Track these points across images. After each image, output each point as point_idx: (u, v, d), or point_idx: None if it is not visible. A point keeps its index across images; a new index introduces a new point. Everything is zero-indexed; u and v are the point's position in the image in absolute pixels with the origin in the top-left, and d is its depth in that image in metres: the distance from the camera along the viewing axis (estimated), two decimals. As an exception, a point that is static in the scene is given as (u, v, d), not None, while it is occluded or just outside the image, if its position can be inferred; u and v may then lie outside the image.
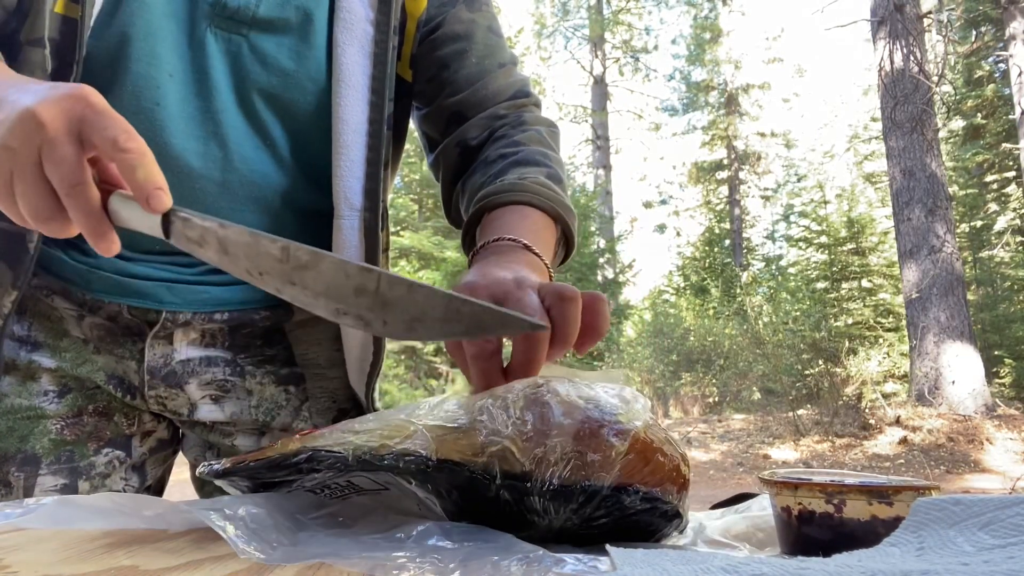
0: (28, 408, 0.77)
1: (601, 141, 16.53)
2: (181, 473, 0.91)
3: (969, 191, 12.01)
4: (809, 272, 12.22)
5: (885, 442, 6.92)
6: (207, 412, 0.83)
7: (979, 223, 12.03)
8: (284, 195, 0.81)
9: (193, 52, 0.74)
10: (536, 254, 0.66)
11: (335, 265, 0.44)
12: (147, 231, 0.48)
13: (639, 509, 0.43)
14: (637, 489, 0.43)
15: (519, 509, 0.42)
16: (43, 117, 0.46)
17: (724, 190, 18.76)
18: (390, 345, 0.81)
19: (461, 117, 0.85)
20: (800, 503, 0.47)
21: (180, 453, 0.91)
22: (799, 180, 17.90)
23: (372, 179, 0.80)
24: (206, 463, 0.50)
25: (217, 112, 0.75)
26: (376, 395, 0.87)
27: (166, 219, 0.47)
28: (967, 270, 11.11)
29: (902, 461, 6.45)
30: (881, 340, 9.90)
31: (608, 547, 0.38)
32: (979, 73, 11.69)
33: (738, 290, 11.74)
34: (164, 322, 0.78)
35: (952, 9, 9.16)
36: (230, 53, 0.75)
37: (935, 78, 7.73)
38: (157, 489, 0.87)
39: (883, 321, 10.64)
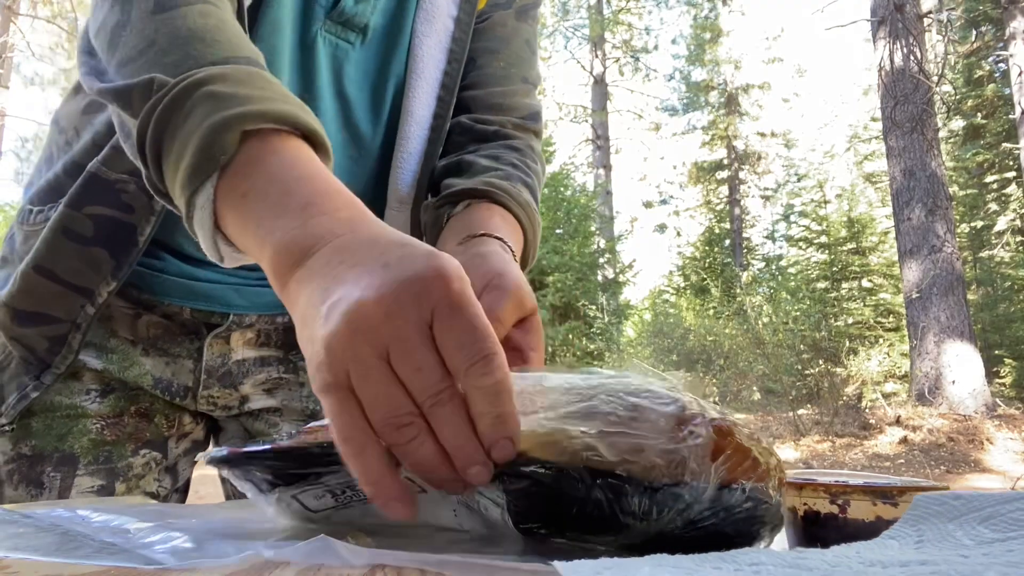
0: (68, 407, 0.75)
1: (601, 141, 16.52)
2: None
3: (969, 191, 12.01)
4: (809, 272, 12.22)
5: (885, 442, 6.92)
6: (258, 403, 0.84)
7: (979, 223, 12.02)
8: (355, 193, 0.81)
9: (303, 54, 0.72)
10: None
11: None
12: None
13: (743, 508, 0.40)
14: (743, 486, 0.40)
15: (612, 511, 0.39)
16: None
17: (724, 190, 18.74)
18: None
19: (468, 111, 0.85)
20: (805, 503, 0.47)
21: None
22: (799, 180, 17.86)
23: (425, 174, 0.80)
24: (216, 447, 0.45)
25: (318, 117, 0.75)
26: None
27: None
28: (967, 270, 11.11)
29: (902, 461, 6.45)
30: (881, 340, 9.90)
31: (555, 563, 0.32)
32: (979, 73, 11.69)
33: (738, 290, 11.71)
34: (230, 324, 0.78)
35: (952, 9, 9.15)
36: (335, 59, 0.74)
37: (935, 78, 7.73)
38: (184, 489, 0.87)
39: (883, 321, 10.64)
